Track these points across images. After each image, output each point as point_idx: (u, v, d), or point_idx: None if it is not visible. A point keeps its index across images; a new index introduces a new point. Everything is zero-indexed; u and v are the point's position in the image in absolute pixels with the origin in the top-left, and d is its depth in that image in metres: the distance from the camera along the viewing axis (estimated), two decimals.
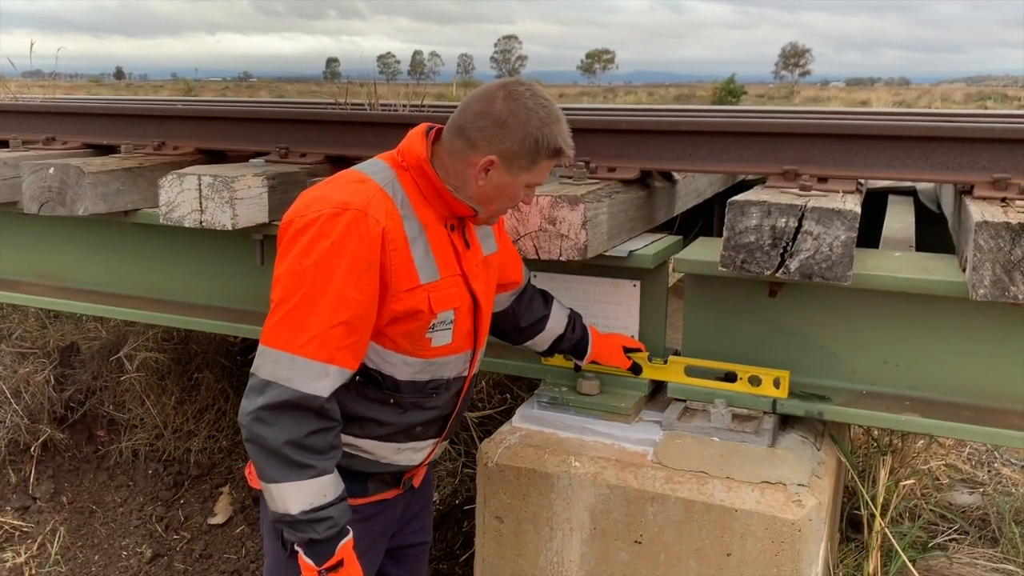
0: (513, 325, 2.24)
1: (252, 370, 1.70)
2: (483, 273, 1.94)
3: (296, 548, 1.71)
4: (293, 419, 1.65)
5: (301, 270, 1.66)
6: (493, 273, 2.02)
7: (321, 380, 1.66)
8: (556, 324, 2.27)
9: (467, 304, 1.88)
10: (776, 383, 2.22)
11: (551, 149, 1.77)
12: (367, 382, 1.82)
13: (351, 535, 1.74)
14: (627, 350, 2.36)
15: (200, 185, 2.50)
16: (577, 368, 2.38)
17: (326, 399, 1.67)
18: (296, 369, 1.65)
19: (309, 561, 1.69)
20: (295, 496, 1.65)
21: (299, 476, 1.65)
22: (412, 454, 1.95)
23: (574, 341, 2.31)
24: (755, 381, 2.23)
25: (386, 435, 1.88)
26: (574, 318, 2.31)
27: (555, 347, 2.31)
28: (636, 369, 2.37)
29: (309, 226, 1.68)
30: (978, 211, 1.96)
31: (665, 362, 2.35)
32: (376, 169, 1.82)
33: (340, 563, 1.71)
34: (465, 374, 1.97)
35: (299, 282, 1.66)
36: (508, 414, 2.46)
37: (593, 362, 2.34)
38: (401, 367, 1.83)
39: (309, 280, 1.65)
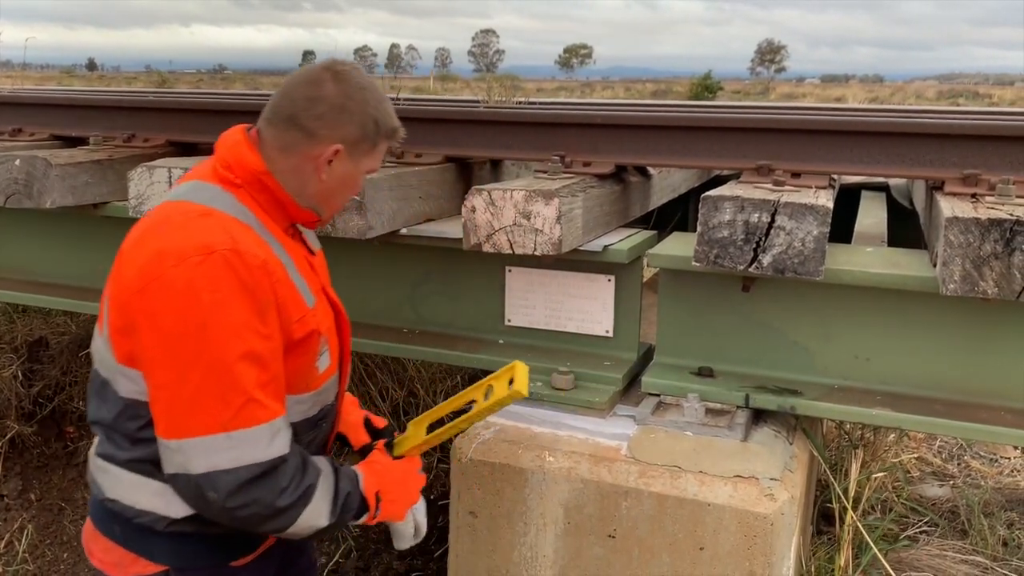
0: None
1: (172, 472, 1.47)
2: (327, 276, 1.81)
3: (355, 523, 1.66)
4: (269, 484, 1.49)
5: (186, 341, 1.42)
6: (328, 274, 1.86)
7: (277, 439, 1.49)
8: None
9: (331, 317, 1.73)
10: (512, 382, 1.80)
11: (389, 129, 1.63)
12: None
13: (363, 474, 1.69)
14: (371, 428, 2.03)
15: (171, 178, 2.47)
16: None
17: (289, 454, 1.52)
18: (239, 445, 1.45)
19: (365, 518, 1.66)
20: (316, 515, 1.56)
21: (306, 504, 1.54)
22: None
23: None
24: (490, 392, 1.85)
25: None
26: None
27: None
28: (365, 450, 2.00)
29: (172, 285, 1.42)
30: (949, 207, 1.98)
31: (403, 431, 2.00)
32: (210, 195, 1.56)
33: (378, 496, 1.68)
34: (338, 390, 1.81)
35: (190, 356, 1.42)
36: None
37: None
38: (293, 408, 1.62)
39: (203, 348, 1.42)
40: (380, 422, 2.05)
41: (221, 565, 1.66)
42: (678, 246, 2.34)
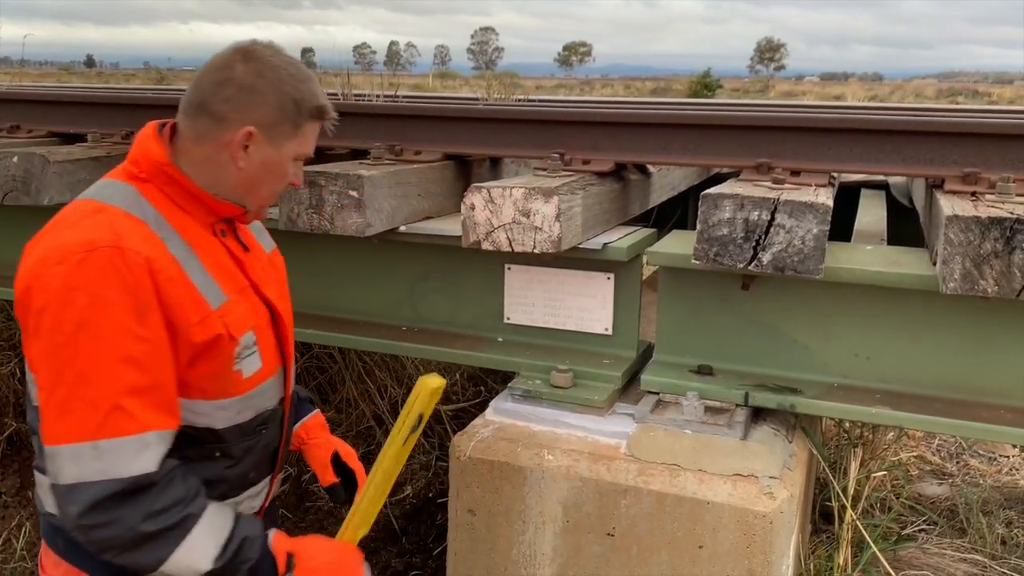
0: None
1: (51, 480, 1.41)
2: (273, 275, 1.72)
3: None
4: (136, 501, 1.38)
5: (63, 342, 1.36)
6: (283, 271, 1.79)
7: (143, 455, 1.38)
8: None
9: (265, 317, 1.63)
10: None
11: (313, 108, 1.53)
12: (183, 443, 1.52)
13: (273, 529, 1.55)
14: (339, 465, 1.95)
15: None
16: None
17: (156, 472, 1.39)
18: (105, 456, 1.36)
19: None
20: (196, 556, 1.41)
21: (181, 537, 1.40)
22: (252, 501, 1.71)
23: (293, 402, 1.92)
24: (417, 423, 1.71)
25: (222, 494, 1.60)
26: (298, 390, 1.97)
27: None
28: (332, 490, 1.96)
29: (52, 286, 1.37)
30: (949, 205, 1.98)
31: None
32: (111, 191, 1.50)
33: (291, 559, 1.53)
34: (283, 395, 1.72)
35: (65, 357, 1.36)
36: (482, 407, 2.45)
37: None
38: (216, 414, 1.55)
39: (78, 350, 1.35)
40: (350, 458, 1.96)
41: None
42: (678, 244, 2.34)
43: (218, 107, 1.48)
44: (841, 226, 2.66)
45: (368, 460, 1.88)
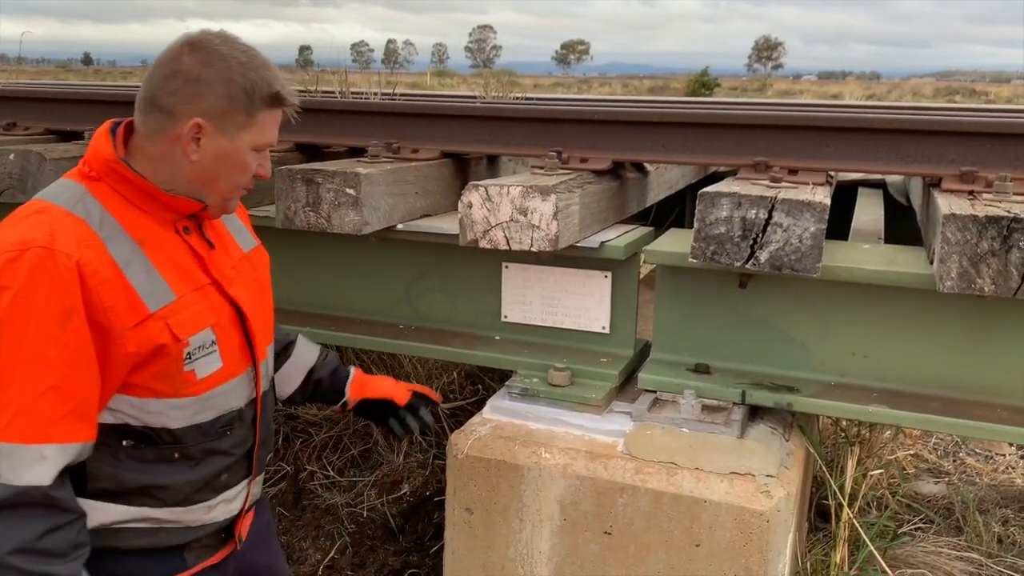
0: None
1: None
2: (248, 273, 1.69)
3: None
4: (16, 522, 1.34)
5: None
6: (262, 270, 1.76)
7: (36, 466, 1.35)
8: (306, 352, 2.04)
9: (228, 315, 1.60)
10: None
11: (266, 95, 1.49)
12: (139, 443, 1.52)
13: None
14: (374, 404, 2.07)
15: None
16: (344, 408, 2.10)
17: (50, 487, 1.36)
18: (4, 459, 1.34)
19: None
20: None
21: None
22: (227, 505, 1.67)
23: (330, 369, 2.06)
24: None
25: (187, 498, 1.58)
26: (324, 350, 2.07)
27: (309, 380, 2.03)
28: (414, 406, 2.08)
29: None
30: (946, 204, 1.98)
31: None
32: (59, 191, 1.48)
33: None
34: (255, 396, 1.68)
35: None
36: (479, 405, 2.45)
37: (361, 403, 2.08)
38: (171, 413, 1.52)
39: None
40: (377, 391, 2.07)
41: None
42: (675, 242, 2.34)
43: (166, 101, 1.46)
44: (838, 225, 2.66)
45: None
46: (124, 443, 1.51)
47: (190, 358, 1.51)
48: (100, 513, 1.52)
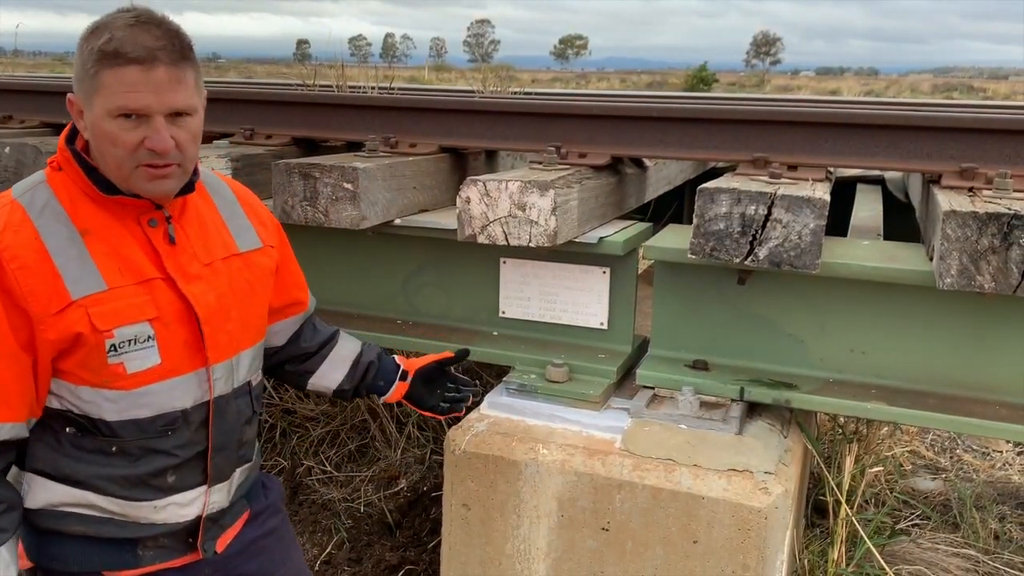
0: (299, 351, 1.94)
1: None
2: (226, 273, 1.63)
3: None
4: None
5: None
6: (258, 273, 1.72)
7: None
8: (348, 343, 2.03)
9: (175, 312, 1.53)
10: None
11: (100, 53, 1.40)
12: (79, 431, 1.52)
13: None
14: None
15: None
16: (395, 391, 2.07)
17: None
18: None
19: None
20: None
21: None
22: (179, 509, 1.62)
23: (376, 353, 2.05)
24: None
25: (127, 492, 1.56)
26: (364, 343, 2.07)
27: (357, 366, 2.01)
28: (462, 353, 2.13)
29: None
30: (946, 200, 1.97)
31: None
32: (26, 180, 1.53)
33: None
34: (206, 399, 1.61)
35: None
36: (477, 401, 2.44)
37: (414, 379, 2.07)
38: (103, 404, 1.50)
39: None
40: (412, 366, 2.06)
41: (92, 572, 1.58)
42: (674, 238, 2.33)
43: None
44: (836, 221, 2.66)
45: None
46: (67, 430, 1.52)
47: (115, 350, 1.47)
48: (43, 491, 1.53)
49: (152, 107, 1.42)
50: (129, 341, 1.48)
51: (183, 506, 1.63)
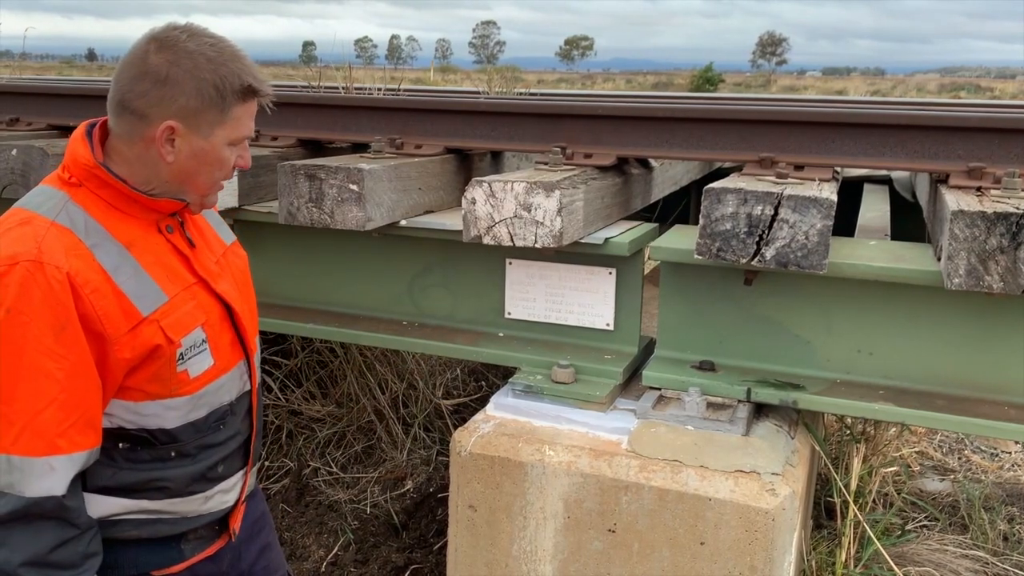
0: None
1: None
2: (230, 268, 1.69)
3: None
4: (27, 534, 1.36)
5: None
6: (243, 263, 1.77)
7: (46, 478, 1.37)
8: None
9: (217, 312, 1.59)
10: None
11: (238, 89, 1.46)
12: (135, 446, 1.53)
13: None
14: None
15: None
16: None
17: (64, 496, 1.38)
18: (15, 471, 1.36)
19: None
20: None
21: None
22: (223, 496, 1.68)
23: None
24: None
25: (183, 490, 1.59)
26: None
27: None
28: None
29: None
30: (954, 200, 1.96)
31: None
32: (41, 199, 1.47)
33: None
34: (248, 388, 1.70)
35: None
36: (483, 402, 2.44)
37: None
38: (166, 414, 1.53)
39: None
40: None
41: (143, 574, 1.60)
42: (680, 239, 2.32)
43: (137, 103, 1.44)
44: (843, 221, 2.65)
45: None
46: (120, 446, 1.52)
47: (182, 358, 1.51)
48: (98, 506, 1.53)
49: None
50: (191, 347, 1.53)
51: (227, 492, 1.69)
